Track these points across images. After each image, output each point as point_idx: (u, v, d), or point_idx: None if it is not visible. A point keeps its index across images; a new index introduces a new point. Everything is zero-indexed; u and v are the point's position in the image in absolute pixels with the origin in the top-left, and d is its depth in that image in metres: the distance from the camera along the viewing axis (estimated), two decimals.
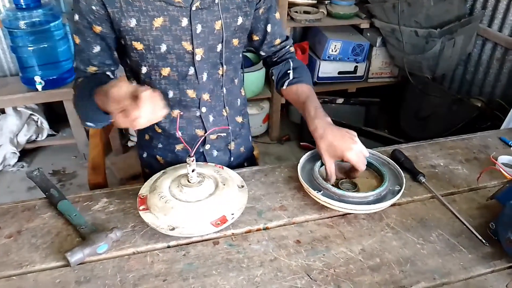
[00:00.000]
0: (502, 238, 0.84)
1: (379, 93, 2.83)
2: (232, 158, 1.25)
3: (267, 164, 1.14)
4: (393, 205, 0.99)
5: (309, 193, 0.98)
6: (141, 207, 0.91)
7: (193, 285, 0.79)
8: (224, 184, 0.94)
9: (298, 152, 2.80)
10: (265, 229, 0.92)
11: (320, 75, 2.76)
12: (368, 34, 2.76)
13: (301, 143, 2.82)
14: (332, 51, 2.69)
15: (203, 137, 1.10)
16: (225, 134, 1.23)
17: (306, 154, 1.09)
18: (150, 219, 0.88)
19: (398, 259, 0.85)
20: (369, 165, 1.04)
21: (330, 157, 0.99)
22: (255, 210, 0.96)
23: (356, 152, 0.97)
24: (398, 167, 1.03)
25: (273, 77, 1.23)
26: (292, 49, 1.25)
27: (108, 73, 1.04)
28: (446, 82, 2.79)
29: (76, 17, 0.96)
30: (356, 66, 2.78)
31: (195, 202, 0.89)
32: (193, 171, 0.90)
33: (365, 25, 2.68)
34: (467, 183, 1.07)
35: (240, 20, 1.05)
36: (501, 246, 0.85)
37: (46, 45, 2.26)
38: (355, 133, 1.02)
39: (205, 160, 1.18)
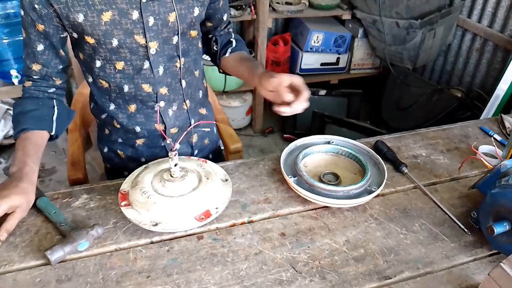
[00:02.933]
0: (484, 227, 0.85)
1: (361, 85, 2.84)
2: (196, 151, 1.23)
3: (251, 157, 1.13)
4: (376, 196, 0.99)
5: (291, 187, 0.97)
6: (122, 203, 0.89)
7: (178, 280, 0.78)
8: (207, 178, 0.92)
9: (281, 144, 2.80)
10: (250, 222, 0.91)
11: (302, 66, 2.76)
12: (350, 25, 2.77)
13: (284, 135, 2.82)
14: (314, 42, 2.68)
15: (190, 128, 1.08)
16: (209, 129, 1.22)
17: (288, 146, 1.08)
18: (132, 215, 0.86)
19: (382, 249, 0.85)
20: (352, 156, 1.04)
21: (265, 85, 0.97)
22: (239, 204, 0.96)
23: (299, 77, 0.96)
24: (381, 159, 1.03)
25: (214, 47, 1.21)
26: (231, 30, 1.26)
27: (52, 89, 1.05)
28: (427, 72, 2.83)
29: (22, 12, 0.94)
30: (338, 58, 2.79)
31: (178, 197, 0.88)
32: (175, 165, 0.89)
33: (346, 16, 2.69)
34: (449, 172, 1.09)
35: (197, 11, 1.02)
36: (483, 234, 0.86)
37: (21, 38, 2.18)
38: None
39: (166, 154, 1.15)
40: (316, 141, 1.12)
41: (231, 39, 1.21)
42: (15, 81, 2.17)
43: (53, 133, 1.01)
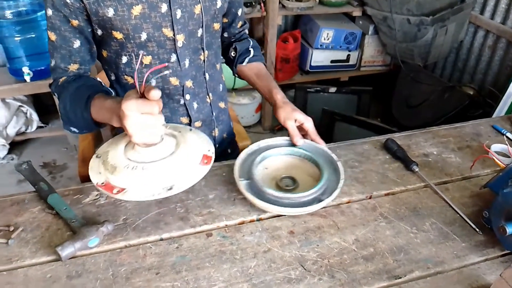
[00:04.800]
0: (495, 226, 0.84)
1: (372, 82, 2.82)
2: (216, 145, 1.24)
3: None
4: (386, 194, 0.99)
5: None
6: (114, 191, 0.81)
7: (186, 277, 0.78)
8: (183, 137, 0.90)
9: None
10: (258, 220, 0.91)
11: (312, 64, 2.75)
12: (360, 22, 2.75)
13: None
14: (324, 39, 2.67)
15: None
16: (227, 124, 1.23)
17: (250, 147, 1.05)
18: (136, 195, 0.81)
19: (392, 248, 0.85)
20: (312, 161, 1.01)
21: (293, 120, 1.07)
22: (248, 202, 0.95)
23: (312, 123, 1.09)
24: (340, 165, 0.98)
25: (232, 53, 1.25)
26: (246, 30, 1.30)
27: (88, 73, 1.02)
28: (438, 69, 2.80)
29: (50, 11, 0.92)
30: (348, 55, 2.77)
31: (169, 155, 0.84)
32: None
33: (357, 13, 2.67)
34: (460, 171, 1.07)
35: (219, 3, 1.05)
36: (494, 234, 0.85)
37: (33, 35, 2.20)
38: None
39: None
40: (280, 142, 1.08)
41: (249, 48, 1.24)
42: (27, 78, 2.19)
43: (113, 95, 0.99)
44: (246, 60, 1.23)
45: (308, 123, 1.07)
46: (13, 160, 2.57)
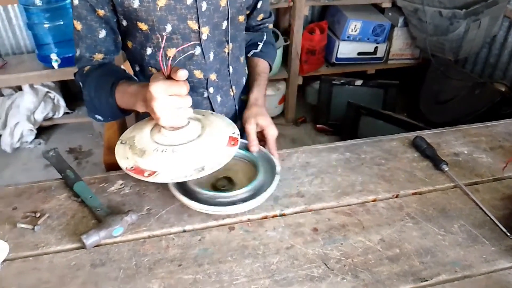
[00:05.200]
0: None
1: (399, 75, 2.76)
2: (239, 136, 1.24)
3: (282, 147, 1.09)
4: (413, 193, 0.96)
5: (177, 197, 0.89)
6: (145, 174, 0.80)
7: (208, 271, 0.78)
8: (208, 120, 0.90)
9: (313, 135, 2.77)
10: (281, 215, 0.90)
11: (338, 56, 2.70)
12: (390, 13, 2.68)
13: (317, 125, 2.78)
14: (351, 31, 2.62)
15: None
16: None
17: None
18: (167, 177, 0.80)
19: (418, 250, 0.83)
20: (250, 160, 0.98)
21: (254, 124, 1.01)
22: (271, 196, 0.94)
23: (275, 131, 1.02)
24: (271, 156, 0.97)
25: None
26: (270, 26, 1.27)
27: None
28: (469, 65, 2.71)
29: (76, 1, 0.92)
30: (376, 47, 2.71)
31: (197, 138, 0.84)
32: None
33: (386, 4, 2.60)
34: (491, 172, 1.04)
35: None
36: None
37: (61, 22, 2.24)
38: None
39: None
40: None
41: (259, 42, 1.22)
42: (55, 65, 2.23)
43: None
44: (251, 53, 1.21)
45: (270, 131, 1.01)
46: (40, 145, 2.63)
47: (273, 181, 0.90)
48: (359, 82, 2.61)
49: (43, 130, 2.70)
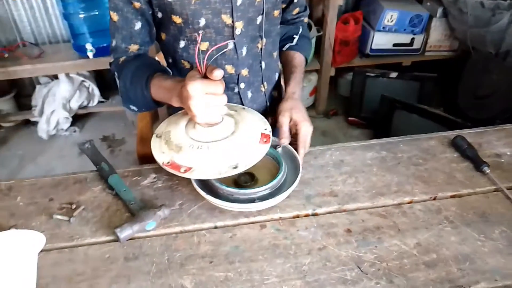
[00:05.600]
0: None
1: (436, 68, 2.66)
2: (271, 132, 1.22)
3: (313, 140, 1.06)
4: (452, 196, 0.92)
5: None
6: (182, 170, 0.82)
7: (239, 269, 0.78)
8: (240, 116, 0.91)
9: (345, 128, 2.72)
10: (314, 215, 0.89)
11: (373, 47, 2.63)
12: (428, 3, 2.59)
13: (349, 118, 2.73)
14: (387, 21, 2.54)
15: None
16: None
17: None
18: (203, 174, 0.81)
19: (456, 256, 0.79)
20: (269, 154, 0.93)
21: (288, 117, 0.98)
22: (303, 194, 0.93)
23: (309, 128, 0.97)
24: (296, 154, 0.95)
25: None
26: (306, 19, 1.24)
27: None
28: (511, 58, 2.58)
29: None
30: (412, 38, 2.62)
31: (231, 134, 0.85)
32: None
33: None
34: None
35: None
36: None
37: (97, 13, 2.27)
38: None
39: None
40: None
41: (294, 36, 1.18)
42: (90, 54, 2.27)
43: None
44: (287, 46, 1.18)
45: (304, 127, 0.96)
46: (75, 133, 2.70)
47: (295, 181, 0.88)
48: (394, 75, 2.53)
49: (78, 118, 2.77)
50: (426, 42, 2.66)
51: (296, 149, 0.96)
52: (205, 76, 0.77)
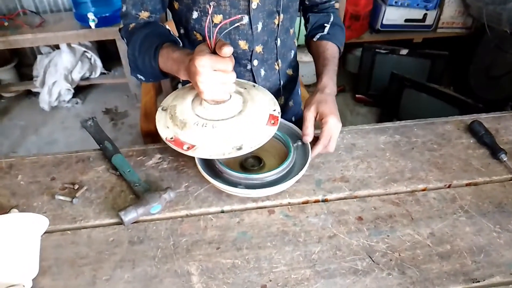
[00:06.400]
0: None
1: (448, 46, 2.58)
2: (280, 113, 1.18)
3: None
4: (468, 184, 0.89)
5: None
6: (185, 147, 0.78)
7: (247, 256, 0.75)
8: (249, 95, 0.87)
9: (352, 105, 2.67)
10: (324, 201, 0.86)
11: (384, 22, 2.55)
12: None
13: (357, 95, 2.68)
14: None
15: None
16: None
17: None
18: (205, 153, 0.78)
19: (471, 248, 0.77)
20: (277, 136, 0.91)
21: (313, 111, 0.90)
22: (313, 179, 0.90)
23: (336, 124, 0.88)
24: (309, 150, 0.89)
25: (307, 24, 1.13)
26: (337, 5, 1.14)
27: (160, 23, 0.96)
28: None
29: None
30: (425, 14, 2.53)
31: (238, 114, 0.81)
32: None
33: None
34: None
35: None
36: None
37: None
38: None
39: None
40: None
41: (326, 24, 1.09)
42: (92, 24, 2.20)
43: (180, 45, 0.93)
44: (318, 36, 1.09)
45: (330, 121, 0.87)
46: (77, 104, 2.66)
47: (304, 166, 0.85)
48: (404, 51, 2.46)
49: (80, 90, 2.72)
50: (439, 18, 2.57)
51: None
52: (214, 52, 0.72)
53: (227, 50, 0.70)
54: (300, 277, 0.72)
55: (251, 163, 0.90)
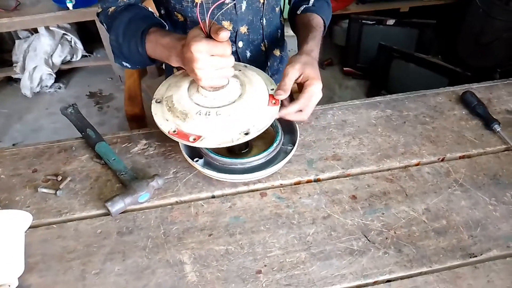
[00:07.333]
0: None
1: (436, 14, 2.54)
2: None
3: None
4: (461, 157, 0.88)
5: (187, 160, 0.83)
6: (191, 139, 0.75)
7: (241, 241, 0.73)
8: (246, 77, 0.83)
9: (340, 78, 2.63)
10: (316, 181, 0.84)
11: None
12: None
13: (344, 68, 2.64)
14: None
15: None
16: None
17: None
18: (213, 142, 0.75)
19: (467, 222, 0.76)
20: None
21: (297, 69, 0.81)
22: (304, 159, 0.88)
23: (319, 92, 0.82)
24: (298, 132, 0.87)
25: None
26: None
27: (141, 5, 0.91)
28: None
29: None
30: None
31: (238, 98, 0.78)
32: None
33: None
34: None
35: None
36: None
37: None
38: None
39: None
40: None
41: None
42: (69, 5, 2.11)
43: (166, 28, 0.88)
44: (302, 8, 1.02)
45: (314, 86, 0.80)
46: (60, 89, 2.59)
47: (291, 151, 0.83)
48: (391, 22, 2.41)
49: (62, 74, 2.64)
50: None
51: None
52: (209, 36, 0.68)
53: (224, 35, 0.66)
54: (295, 260, 0.71)
55: (238, 147, 0.86)
